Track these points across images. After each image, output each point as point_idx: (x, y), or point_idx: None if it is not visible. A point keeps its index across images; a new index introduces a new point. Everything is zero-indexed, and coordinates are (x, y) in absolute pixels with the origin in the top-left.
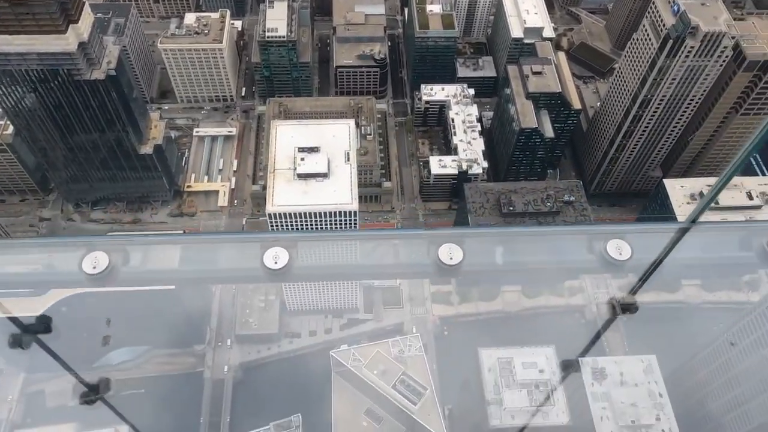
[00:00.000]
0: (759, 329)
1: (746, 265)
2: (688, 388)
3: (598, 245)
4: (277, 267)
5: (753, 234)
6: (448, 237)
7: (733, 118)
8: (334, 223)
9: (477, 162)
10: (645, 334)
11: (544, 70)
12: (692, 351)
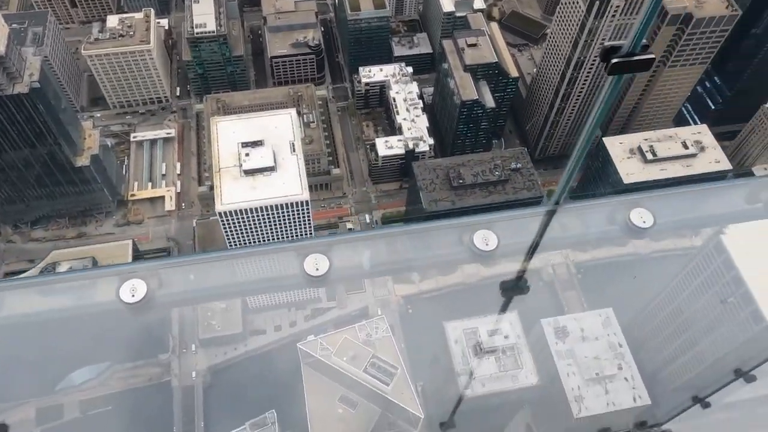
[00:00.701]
0: (702, 274)
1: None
2: (645, 335)
3: (466, 237)
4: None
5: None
6: (315, 247)
7: (662, 71)
8: (286, 216)
9: (422, 139)
10: (601, 289)
11: (478, 41)
12: (645, 300)
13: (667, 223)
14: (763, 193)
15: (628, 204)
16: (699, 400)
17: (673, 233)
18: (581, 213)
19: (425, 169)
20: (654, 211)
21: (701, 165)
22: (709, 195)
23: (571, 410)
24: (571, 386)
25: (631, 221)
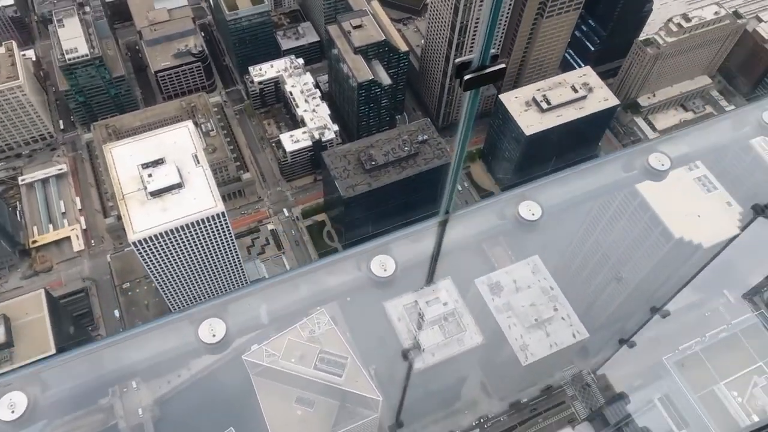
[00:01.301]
0: (610, 207)
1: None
2: (572, 275)
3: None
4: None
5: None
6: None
7: (541, 23)
8: (205, 232)
9: (327, 127)
10: (524, 241)
11: (363, 22)
12: (566, 242)
13: (553, 213)
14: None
15: (516, 198)
16: (624, 341)
17: (561, 220)
18: (471, 217)
19: (336, 157)
20: (541, 202)
21: (592, 105)
22: (587, 174)
23: (519, 359)
24: (514, 337)
25: (520, 215)
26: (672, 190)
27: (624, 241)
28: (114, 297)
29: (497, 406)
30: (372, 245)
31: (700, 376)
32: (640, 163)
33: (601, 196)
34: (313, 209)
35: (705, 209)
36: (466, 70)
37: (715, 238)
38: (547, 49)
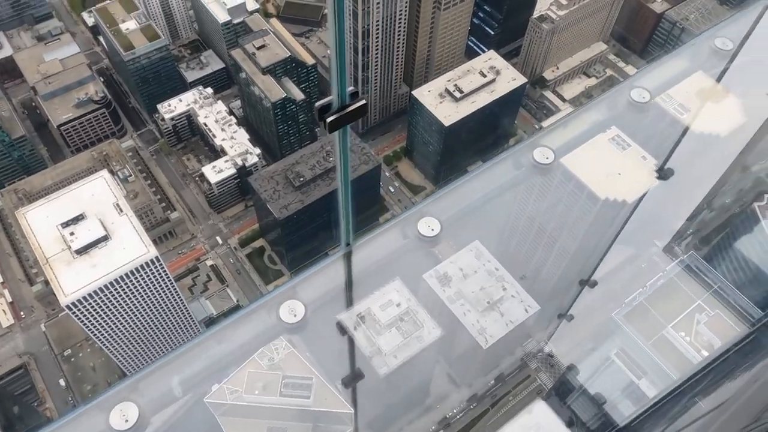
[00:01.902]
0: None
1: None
2: (514, 252)
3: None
4: None
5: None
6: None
7: (439, 16)
8: (142, 281)
9: (249, 152)
10: (463, 226)
11: (265, 42)
12: (503, 222)
13: (452, 226)
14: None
15: (416, 216)
16: (563, 315)
17: (456, 234)
18: (373, 243)
19: (263, 180)
20: (438, 217)
21: (502, 86)
22: (484, 178)
23: (479, 344)
24: (471, 323)
25: (419, 233)
26: (591, 154)
27: (555, 212)
28: (57, 366)
29: (467, 394)
30: (279, 291)
31: (648, 324)
32: (526, 159)
33: (506, 192)
34: (250, 236)
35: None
36: (327, 112)
37: (636, 192)
38: (450, 39)
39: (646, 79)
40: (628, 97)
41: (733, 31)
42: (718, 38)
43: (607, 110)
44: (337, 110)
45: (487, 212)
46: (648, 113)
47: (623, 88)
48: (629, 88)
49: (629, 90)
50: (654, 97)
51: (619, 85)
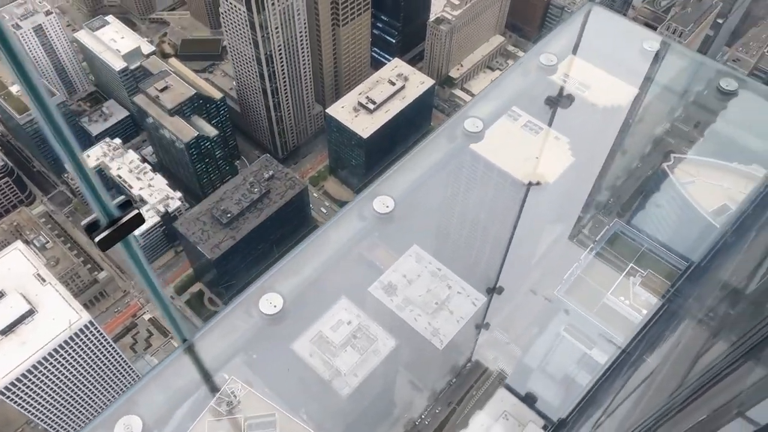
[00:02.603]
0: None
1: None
2: (449, 244)
3: None
4: None
5: None
6: None
7: (339, 32)
8: (79, 350)
9: (169, 197)
10: (399, 233)
11: (168, 83)
12: (436, 222)
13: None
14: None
15: (258, 292)
16: (492, 289)
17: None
18: (211, 334)
19: (190, 223)
20: (283, 294)
21: (412, 91)
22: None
23: (435, 346)
24: (423, 327)
25: (260, 310)
26: (508, 142)
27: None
28: None
29: (432, 397)
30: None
31: (589, 295)
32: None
33: (440, 169)
34: (185, 282)
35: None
36: (95, 230)
37: (557, 171)
38: (354, 53)
39: (478, 109)
40: (462, 128)
41: (557, 45)
42: (543, 54)
43: (447, 142)
44: (107, 226)
45: (419, 216)
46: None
47: (457, 119)
48: (463, 119)
49: (463, 120)
50: (487, 127)
51: (453, 117)
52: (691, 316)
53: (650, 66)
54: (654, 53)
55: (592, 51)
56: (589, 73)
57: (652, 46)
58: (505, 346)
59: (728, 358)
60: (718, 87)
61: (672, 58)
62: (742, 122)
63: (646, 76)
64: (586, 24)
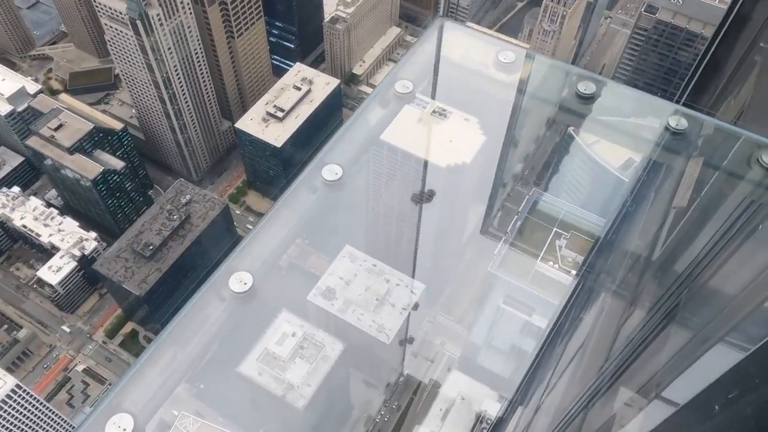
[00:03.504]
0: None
1: None
2: (380, 239)
3: None
4: None
5: None
6: None
7: (235, 44)
8: (8, 416)
9: (83, 239)
10: (329, 237)
11: (62, 120)
12: (362, 220)
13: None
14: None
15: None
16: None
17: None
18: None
19: (110, 262)
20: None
21: (319, 94)
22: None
23: (383, 341)
24: (368, 325)
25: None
26: (421, 130)
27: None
28: None
29: (388, 392)
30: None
31: (520, 264)
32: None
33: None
34: (115, 324)
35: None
36: None
37: (471, 152)
38: (254, 64)
39: (336, 154)
40: (321, 177)
41: (413, 70)
42: (398, 82)
43: (309, 192)
44: None
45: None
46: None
47: (315, 168)
48: (322, 165)
49: (321, 168)
50: (347, 173)
51: (310, 166)
52: (606, 288)
53: (508, 77)
54: (511, 63)
55: (449, 70)
56: (449, 95)
57: (507, 57)
58: (450, 328)
59: (645, 329)
60: (576, 92)
61: (529, 67)
62: (605, 123)
63: (506, 87)
64: (441, 42)
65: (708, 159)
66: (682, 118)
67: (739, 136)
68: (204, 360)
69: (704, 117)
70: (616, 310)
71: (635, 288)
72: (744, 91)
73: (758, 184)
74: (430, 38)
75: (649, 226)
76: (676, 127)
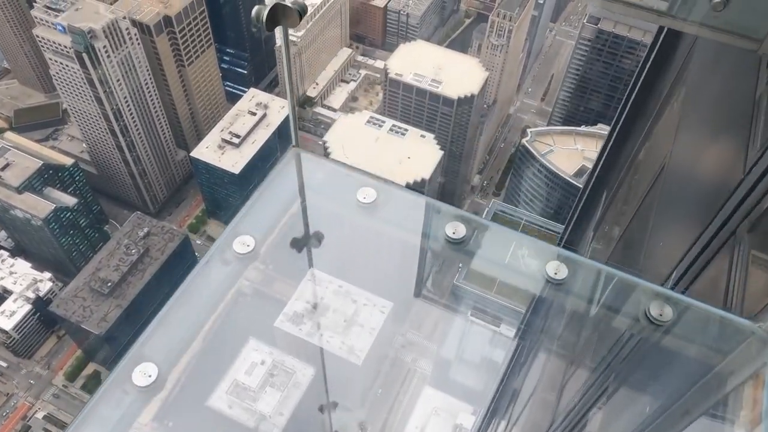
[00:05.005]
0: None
1: None
2: (347, 263)
3: None
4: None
5: None
6: None
7: (185, 72)
8: None
9: (37, 281)
10: (294, 265)
11: (8, 159)
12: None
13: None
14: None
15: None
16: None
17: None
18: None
19: (67, 302)
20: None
21: (275, 118)
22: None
23: (354, 362)
24: (337, 347)
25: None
26: (377, 149)
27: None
28: None
29: (363, 413)
30: None
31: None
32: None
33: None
34: (76, 367)
35: (410, 149)
36: None
37: (432, 162)
38: (207, 91)
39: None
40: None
41: (257, 221)
42: (237, 239)
43: None
44: None
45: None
46: None
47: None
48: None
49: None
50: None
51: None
52: (545, 348)
53: (370, 219)
54: (372, 203)
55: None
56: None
57: (367, 196)
58: (420, 344)
59: (585, 399)
60: (446, 236)
61: (394, 205)
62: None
63: (371, 231)
64: (302, 178)
65: (589, 309)
66: (562, 265)
67: (631, 284)
68: (171, 396)
69: (587, 262)
70: (558, 368)
71: (574, 351)
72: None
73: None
74: (278, 177)
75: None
76: (555, 277)
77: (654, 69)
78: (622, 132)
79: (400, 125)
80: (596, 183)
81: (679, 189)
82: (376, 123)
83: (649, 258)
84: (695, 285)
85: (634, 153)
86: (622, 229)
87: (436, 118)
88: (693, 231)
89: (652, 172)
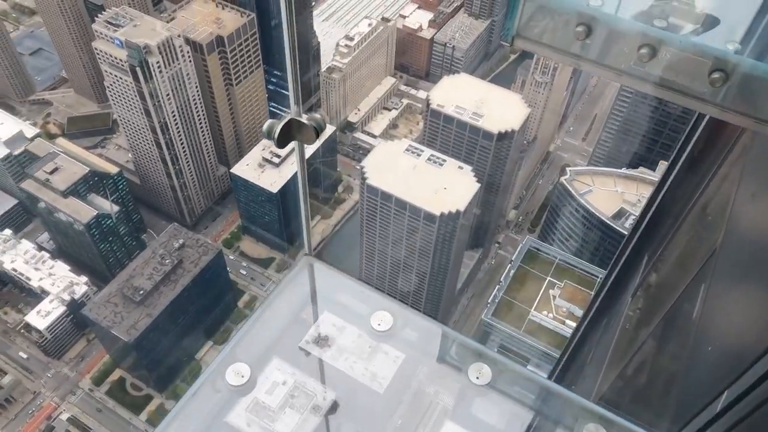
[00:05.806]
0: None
1: None
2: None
3: None
4: None
5: None
6: None
7: (233, 91)
8: None
9: (74, 284)
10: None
11: (57, 164)
12: None
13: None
14: None
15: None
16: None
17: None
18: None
19: (100, 307)
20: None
21: (316, 141)
22: None
23: (376, 390)
24: (360, 373)
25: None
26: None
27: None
28: None
29: None
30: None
31: (515, 314)
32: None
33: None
34: (103, 372)
35: (446, 180)
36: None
37: (468, 194)
38: (251, 110)
39: None
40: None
41: (252, 347)
42: (230, 368)
43: None
44: None
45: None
46: None
47: None
48: None
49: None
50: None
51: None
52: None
53: (389, 345)
54: (388, 330)
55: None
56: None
57: (382, 323)
58: (445, 378)
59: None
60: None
61: (411, 330)
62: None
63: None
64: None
65: None
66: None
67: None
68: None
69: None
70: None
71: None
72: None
73: None
74: (285, 292)
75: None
76: None
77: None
78: (676, 180)
79: (439, 155)
80: (641, 237)
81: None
82: (414, 152)
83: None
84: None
85: (686, 213)
86: (669, 302)
87: (475, 151)
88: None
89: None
